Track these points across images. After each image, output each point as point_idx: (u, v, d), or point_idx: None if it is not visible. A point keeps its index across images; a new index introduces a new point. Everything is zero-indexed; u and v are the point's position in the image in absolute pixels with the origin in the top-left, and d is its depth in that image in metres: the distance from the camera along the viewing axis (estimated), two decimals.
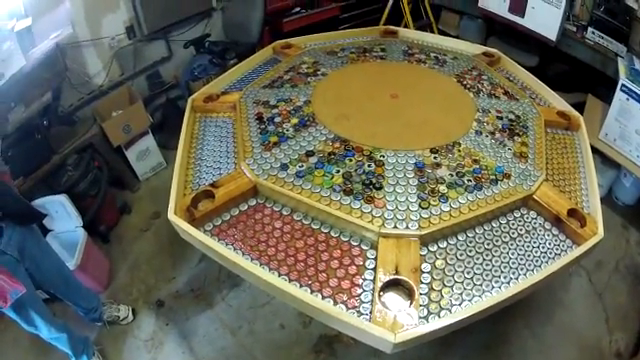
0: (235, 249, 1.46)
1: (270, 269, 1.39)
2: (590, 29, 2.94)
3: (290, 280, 1.35)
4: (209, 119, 2.01)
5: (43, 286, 2.12)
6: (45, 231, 2.44)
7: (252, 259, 1.43)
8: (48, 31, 2.46)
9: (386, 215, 1.44)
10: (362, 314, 1.26)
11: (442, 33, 3.96)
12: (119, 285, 2.66)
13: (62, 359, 2.12)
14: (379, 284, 1.30)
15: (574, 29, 3.03)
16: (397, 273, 1.32)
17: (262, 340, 2.29)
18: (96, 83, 2.96)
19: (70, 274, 2.20)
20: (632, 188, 2.89)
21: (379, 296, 1.27)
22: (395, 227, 1.41)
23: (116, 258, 2.75)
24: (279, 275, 1.37)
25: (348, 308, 1.28)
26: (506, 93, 2.14)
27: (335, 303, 1.29)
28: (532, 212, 1.60)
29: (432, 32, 3.94)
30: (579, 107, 2.31)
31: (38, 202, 2.35)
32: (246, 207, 1.57)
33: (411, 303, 1.27)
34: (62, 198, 2.39)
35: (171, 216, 1.53)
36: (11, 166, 2.19)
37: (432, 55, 2.40)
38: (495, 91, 2.13)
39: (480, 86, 2.14)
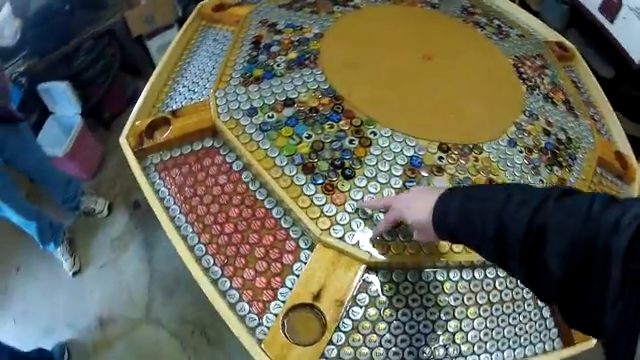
0: (169, 194, 1.23)
1: (193, 232, 1.15)
2: None
3: (205, 253, 1.11)
4: (212, 30, 1.69)
5: (23, 173, 2.20)
6: (47, 113, 2.51)
7: (180, 211, 1.19)
8: None
9: (339, 218, 1.06)
10: (261, 325, 0.99)
11: (522, 3, 3.11)
12: (105, 177, 2.59)
13: None
14: (288, 303, 0.99)
15: None
16: (316, 299, 0.98)
17: None
18: None
19: (51, 168, 2.22)
20: None
21: (284, 315, 0.97)
22: (342, 239, 1.03)
23: (111, 148, 2.67)
24: (198, 242, 1.12)
25: (249, 312, 1.01)
26: (566, 102, 1.56)
27: (240, 299, 1.03)
28: None
29: None
30: None
31: (43, 86, 2.40)
32: (200, 147, 1.28)
33: (321, 337, 0.95)
34: (64, 85, 2.37)
35: (121, 139, 1.30)
36: (29, 46, 2.33)
37: (495, 22, 1.80)
38: (555, 95, 1.55)
39: (539, 81, 1.57)
